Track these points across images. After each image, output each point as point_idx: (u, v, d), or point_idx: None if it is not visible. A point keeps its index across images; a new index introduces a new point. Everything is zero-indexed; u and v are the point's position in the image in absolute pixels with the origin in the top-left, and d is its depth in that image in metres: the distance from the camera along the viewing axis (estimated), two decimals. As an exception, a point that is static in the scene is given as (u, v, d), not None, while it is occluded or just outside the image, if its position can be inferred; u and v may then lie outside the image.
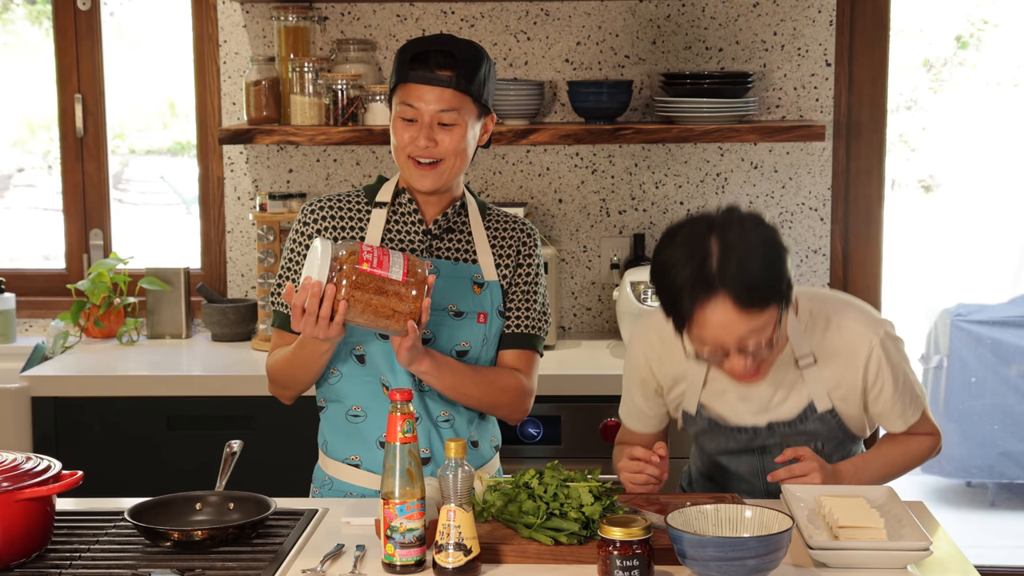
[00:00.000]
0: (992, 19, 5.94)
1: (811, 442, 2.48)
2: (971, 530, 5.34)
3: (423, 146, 2.41)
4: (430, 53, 2.42)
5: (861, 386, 2.45)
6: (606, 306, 4.07)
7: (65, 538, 2.23)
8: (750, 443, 2.51)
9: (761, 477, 2.51)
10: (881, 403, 2.46)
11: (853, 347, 2.43)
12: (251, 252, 4.08)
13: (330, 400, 2.54)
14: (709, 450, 2.59)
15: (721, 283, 2.18)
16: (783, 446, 2.45)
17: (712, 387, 2.49)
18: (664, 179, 4.02)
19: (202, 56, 4.04)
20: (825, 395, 2.44)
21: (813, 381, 2.44)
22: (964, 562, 2.17)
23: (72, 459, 2.63)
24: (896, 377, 2.45)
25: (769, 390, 2.45)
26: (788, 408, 2.46)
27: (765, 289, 2.21)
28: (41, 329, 4.12)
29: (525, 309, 2.56)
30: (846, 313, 2.46)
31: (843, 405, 2.46)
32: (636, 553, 1.96)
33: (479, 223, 2.55)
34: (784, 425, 2.47)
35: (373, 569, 2.10)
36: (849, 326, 2.44)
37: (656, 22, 3.96)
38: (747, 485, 2.56)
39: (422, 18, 3.98)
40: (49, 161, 4.96)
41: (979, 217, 6.20)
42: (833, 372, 2.44)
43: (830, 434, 2.49)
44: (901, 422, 2.50)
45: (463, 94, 2.42)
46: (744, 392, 2.46)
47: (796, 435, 2.48)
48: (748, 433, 2.49)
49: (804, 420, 2.46)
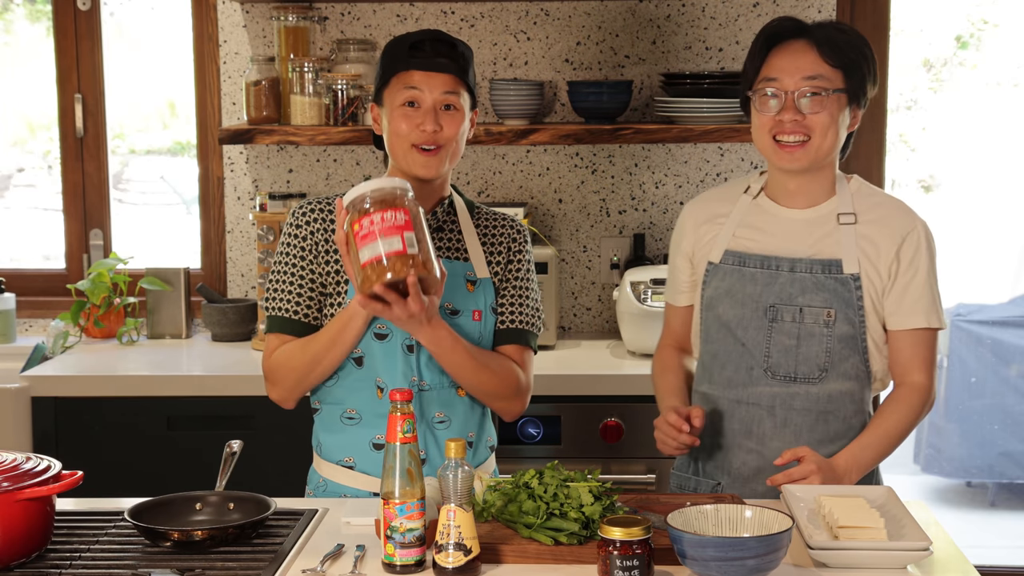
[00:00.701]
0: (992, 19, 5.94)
1: (824, 308, 2.46)
2: (971, 530, 5.34)
3: (430, 130, 2.42)
4: (427, 42, 2.45)
5: (895, 265, 2.48)
6: (606, 306, 4.07)
7: (65, 538, 2.23)
8: (766, 297, 2.49)
9: (768, 361, 2.50)
10: (911, 290, 2.47)
11: (896, 221, 2.51)
12: (251, 252, 4.09)
13: (324, 402, 2.54)
14: (714, 332, 2.55)
15: (810, 33, 2.47)
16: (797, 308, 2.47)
17: (747, 220, 2.57)
18: (664, 179, 4.02)
19: (202, 56, 4.04)
20: (855, 258, 2.47)
21: (848, 238, 2.48)
22: (964, 562, 2.17)
23: (72, 459, 2.63)
24: (930, 269, 2.50)
25: (803, 228, 2.51)
26: (817, 251, 2.49)
27: (847, 52, 2.45)
28: (41, 329, 4.12)
29: (519, 305, 2.57)
30: (894, 198, 2.58)
31: (868, 278, 2.47)
32: (636, 553, 1.96)
33: (468, 221, 2.56)
34: (805, 268, 2.48)
35: (373, 569, 2.10)
36: (896, 204, 2.55)
37: (656, 22, 3.97)
38: (745, 419, 2.52)
39: (422, 18, 3.98)
40: (49, 161, 4.96)
41: (979, 217, 6.20)
42: (870, 236, 2.49)
43: (844, 311, 2.46)
44: (923, 318, 2.48)
45: (461, 81, 2.45)
46: (778, 227, 2.53)
47: (816, 291, 2.47)
48: (769, 272, 2.50)
49: (828, 272, 2.47)
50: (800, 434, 2.50)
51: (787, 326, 2.49)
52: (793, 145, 2.46)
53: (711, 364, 2.58)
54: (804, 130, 2.45)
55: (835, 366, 2.49)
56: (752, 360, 2.51)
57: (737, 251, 2.54)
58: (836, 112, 2.46)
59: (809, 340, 2.48)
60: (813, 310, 2.48)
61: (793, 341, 2.48)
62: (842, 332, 2.48)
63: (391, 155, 2.49)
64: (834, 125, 2.46)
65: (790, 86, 2.45)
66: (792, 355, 2.49)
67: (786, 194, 2.55)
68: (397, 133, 2.45)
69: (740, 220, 2.57)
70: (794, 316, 2.48)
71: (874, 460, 2.47)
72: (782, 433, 2.51)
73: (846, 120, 2.49)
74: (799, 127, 2.45)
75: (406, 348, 2.46)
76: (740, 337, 2.52)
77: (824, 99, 2.44)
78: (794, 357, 2.49)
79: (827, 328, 2.47)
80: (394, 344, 2.46)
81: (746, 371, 2.52)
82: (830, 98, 2.45)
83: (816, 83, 2.45)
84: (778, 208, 2.55)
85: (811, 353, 2.48)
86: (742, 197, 2.59)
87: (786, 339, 2.49)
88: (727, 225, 2.58)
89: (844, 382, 2.50)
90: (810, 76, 2.45)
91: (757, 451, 2.53)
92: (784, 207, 2.55)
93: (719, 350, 2.56)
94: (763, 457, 2.52)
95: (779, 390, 2.50)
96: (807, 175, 2.51)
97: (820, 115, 2.45)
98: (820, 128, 2.45)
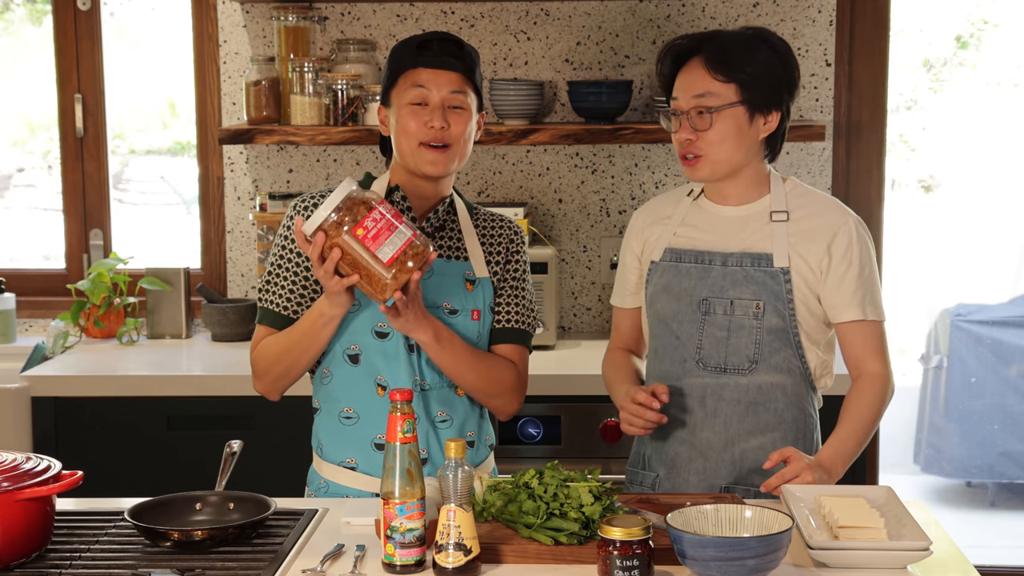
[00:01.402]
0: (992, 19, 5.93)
1: (754, 300, 2.52)
2: (971, 530, 5.34)
3: (438, 127, 2.43)
4: (435, 41, 2.47)
5: (826, 261, 2.53)
6: (606, 306, 4.07)
7: (65, 538, 2.23)
8: (700, 291, 2.55)
9: (700, 353, 2.55)
10: (845, 284, 2.52)
11: (828, 218, 2.57)
12: (251, 252, 4.08)
13: (324, 402, 2.54)
14: (655, 328, 2.62)
15: (700, 49, 2.52)
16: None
17: (687, 221, 2.62)
18: (664, 179, 4.02)
19: (202, 56, 4.04)
20: (785, 253, 2.53)
21: (779, 235, 2.54)
22: (964, 562, 2.18)
23: (72, 459, 2.63)
24: (863, 263, 2.54)
25: (736, 224, 2.57)
26: (748, 245, 2.55)
27: (738, 64, 2.48)
28: (41, 329, 4.12)
29: (516, 305, 2.58)
30: (828, 197, 2.64)
31: (799, 273, 2.52)
32: (636, 553, 1.96)
33: (468, 221, 2.57)
34: (736, 263, 2.54)
35: (373, 569, 2.10)
36: (829, 202, 2.62)
37: (656, 22, 3.97)
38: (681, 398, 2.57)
39: (422, 18, 3.98)
40: (49, 161, 4.96)
41: (979, 217, 6.19)
42: (802, 232, 2.55)
43: (773, 303, 2.52)
44: (859, 310, 2.54)
45: (468, 80, 2.47)
46: (713, 225, 2.59)
47: (746, 284, 2.53)
48: (703, 267, 2.56)
49: (757, 265, 2.52)
50: (730, 424, 2.55)
51: (719, 319, 2.55)
52: (690, 160, 2.54)
53: (652, 359, 2.66)
54: (694, 149, 2.52)
55: (765, 358, 2.54)
56: (685, 352, 2.58)
57: (675, 248, 2.62)
58: (731, 125, 2.50)
59: (739, 332, 2.54)
60: (743, 302, 2.54)
61: (724, 333, 2.54)
62: (771, 324, 2.53)
63: (399, 154, 2.49)
64: (728, 139, 2.51)
65: (684, 105, 2.53)
66: (723, 346, 2.54)
67: (720, 194, 2.61)
68: (405, 131, 2.45)
69: (681, 220, 2.64)
70: (725, 309, 2.54)
71: (855, 449, 2.51)
72: (712, 423, 2.56)
73: (754, 127, 2.53)
74: (691, 145, 2.52)
75: (408, 347, 2.46)
76: (675, 331, 2.59)
77: (714, 115, 2.49)
78: (724, 348, 2.54)
79: (756, 320, 2.53)
80: (396, 343, 2.46)
81: (679, 363, 2.58)
82: (721, 113, 2.49)
83: (703, 101, 2.50)
84: (714, 206, 2.62)
85: (741, 344, 2.54)
86: (685, 199, 2.66)
87: (717, 331, 2.55)
88: (669, 225, 2.64)
89: (775, 375, 2.55)
90: (698, 94, 2.51)
91: (689, 441, 2.59)
92: (719, 205, 2.61)
93: (658, 345, 2.63)
94: (694, 447, 2.58)
95: (710, 381, 2.56)
96: (728, 179, 2.57)
97: (708, 132, 2.51)
98: (708, 144, 2.51)
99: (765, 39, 2.55)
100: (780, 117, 2.55)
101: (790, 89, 2.56)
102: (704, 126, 2.50)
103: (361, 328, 2.46)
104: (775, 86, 2.53)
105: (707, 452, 2.56)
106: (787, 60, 2.55)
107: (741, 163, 2.55)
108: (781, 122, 2.57)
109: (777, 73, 2.53)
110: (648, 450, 2.67)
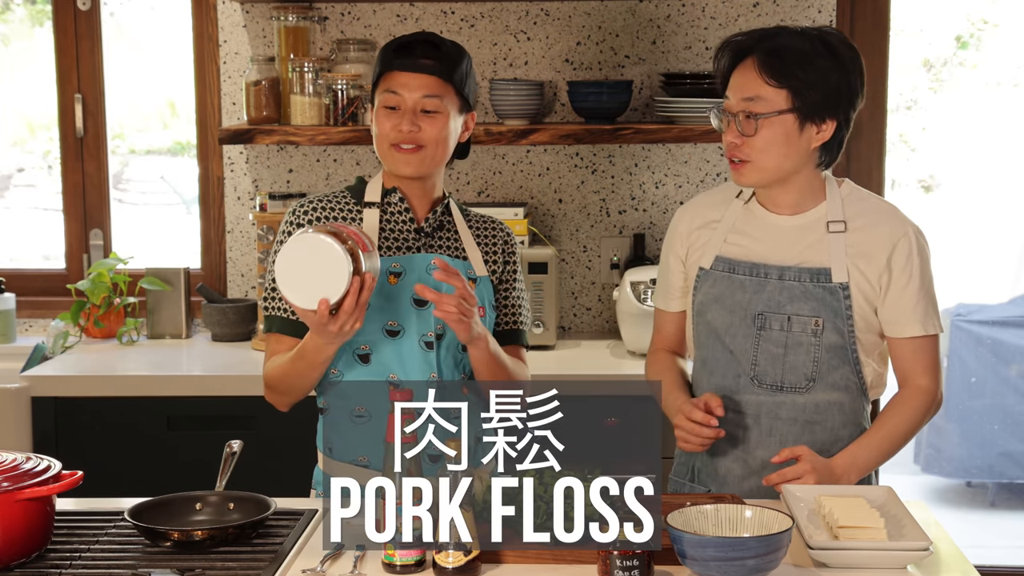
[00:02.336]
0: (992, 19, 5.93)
1: (813, 317, 2.43)
2: (971, 530, 5.34)
3: (406, 131, 2.43)
4: (414, 44, 2.47)
5: (886, 274, 2.43)
6: (606, 306, 4.07)
7: (65, 538, 2.23)
8: (755, 305, 2.46)
9: (756, 369, 2.47)
10: (905, 298, 2.43)
11: (886, 227, 2.46)
12: (251, 252, 4.08)
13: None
14: (704, 339, 2.54)
15: (754, 49, 2.39)
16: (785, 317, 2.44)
17: (738, 226, 2.52)
18: (664, 179, 4.02)
19: (202, 56, 4.04)
20: (844, 267, 2.43)
21: (837, 246, 2.44)
22: (964, 562, 2.17)
23: (72, 459, 2.63)
24: (924, 275, 2.45)
25: (792, 235, 2.47)
26: (805, 258, 2.45)
27: (793, 69, 2.36)
28: (41, 329, 4.12)
29: (514, 306, 2.60)
30: (886, 203, 2.53)
31: (858, 288, 2.43)
32: (636, 553, 1.96)
33: (462, 222, 2.58)
34: (794, 277, 2.44)
35: (373, 569, 2.10)
36: (887, 209, 2.50)
37: (656, 22, 3.96)
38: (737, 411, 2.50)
39: (422, 18, 3.98)
40: (49, 161, 4.96)
41: (979, 217, 6.19)
42: (860, 244, 2.44)
43: (832, 320, 2.43)
44: (920, 326, 2.46)
45: (446, 83, 2.45)
46: (767, 234, 2.49)
47: (804, 300, 2.43)
48: (758, 280, 2.46)
49: (816, 280, 2.43)
50: (785, 443, 2.48)
51: (775, 334, 2.46)
52: (736, 164, 2.44)
53: (701, 370, 2.57)
54: (740, 153, 2.42)
55: (823, 376, 2.47)
56: (739, 368, 2.50)
57: (727, 257, 2.51)
58: (778, 133, 2.38)
59: (797, 349, 2.46)
60: (801, 319, 2.45)
61: (781, 350, 2.46)
62: (830, 342, 2.45)
63: (378, 155, 2.52)
64: (775, 146, 2.39)
65: (734, 107, 2.42)
66: (779, 364, 2.46)
67: (772, 201, 2.51)
68: (378, 133, 2.48)
69: (731, 226, 2.54)
70: (782, 325, 2.46)
71: (875, 461, 2.46)
72: (767, 442, 2.49)
73: (805, 136, 2.41)
74: (736, 149, 2.42)
75: (424, 344, 2.47)
76: (728, 344, 2.51)
77: (760, 121, 2.38)
78: (781, 366, 2.46)
79: (815, 337, 2.45)
80: (410, 340, 2.46)
81: (733, 378, 2.51)
82: (768, 120, 2.38)
83: (751, 105, 2.39)
84: (767, 214, 2.51)
85: (799, 362, 2.46)
86: (734, 202, 2.56)
87: (774, 347, 2.47)
88: (719, 231, 2.54)
89: (832, 392, 2.48)
90: (748, 97, 2.40)
91: (743, 459, 2.53)
92: (773, 213, 2.51)
93: (708, 356, 2.55)
94: (748, 466, 2.52)
95: (765, 399, 2.48)
96: (779, 186, 2.47)
97: (753, 138, 2.40)
98: (754, 151, 2.40)
99: (826, 42, 2.39)
100: (836, 126, 2.42)
101: (850, 97, 2.41)
102: (750, 131, 2.39)
103: (371, 328, 2.46)
104: (831, 94, 2.38)
105: (762, 472, 2.47)
106: (848, 66, 2.39)
107: (791, 171, 2.44)
108: (838, 131, 2.43)
109: (834, 80, 2.38)
110: (698, 463, 2.59)
